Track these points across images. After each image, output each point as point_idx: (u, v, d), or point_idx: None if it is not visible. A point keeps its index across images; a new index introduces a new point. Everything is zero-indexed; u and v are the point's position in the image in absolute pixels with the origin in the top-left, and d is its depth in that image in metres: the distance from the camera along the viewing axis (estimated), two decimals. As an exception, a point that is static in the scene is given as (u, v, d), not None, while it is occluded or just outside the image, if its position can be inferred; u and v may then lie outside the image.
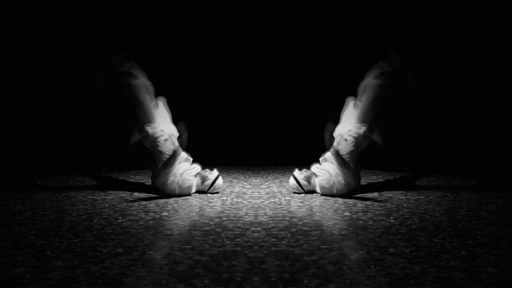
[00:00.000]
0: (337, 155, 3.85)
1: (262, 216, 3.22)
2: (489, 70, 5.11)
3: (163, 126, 4.07)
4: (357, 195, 3.88)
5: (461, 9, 5.15)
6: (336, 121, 4.34)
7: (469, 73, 5.20)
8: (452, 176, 4.69)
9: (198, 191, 4.04)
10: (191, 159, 4.10)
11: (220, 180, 4.04)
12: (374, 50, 5.47)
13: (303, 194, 3.96)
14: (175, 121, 4.51)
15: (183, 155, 4.06)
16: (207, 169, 4.10)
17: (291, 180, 4.03)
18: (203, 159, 4.24)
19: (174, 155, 3.86)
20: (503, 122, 5.06)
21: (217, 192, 4.02)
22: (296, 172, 4.04)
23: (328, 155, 4.03)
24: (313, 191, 4.02)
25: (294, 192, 4.01)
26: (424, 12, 5.29)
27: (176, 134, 4.06)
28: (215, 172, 4.06)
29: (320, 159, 4.07)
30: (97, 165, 5.15)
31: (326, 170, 3.93)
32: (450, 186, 4.23)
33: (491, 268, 2.22)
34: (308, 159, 4.23)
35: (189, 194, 3.94)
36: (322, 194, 3.93)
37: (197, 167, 4.03)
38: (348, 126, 4.03)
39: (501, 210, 3.36)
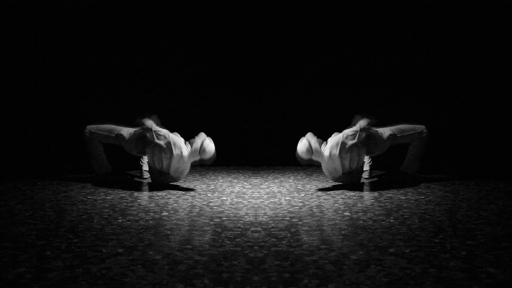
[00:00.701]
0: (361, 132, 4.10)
1: (262, 216, 3.22)
2: (489, 70, 5.11)
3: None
4: (357, 195, 3.88)
5: (461, 8, 5.15)
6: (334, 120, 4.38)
7: (469, 73, 5.20)
8: (452, 176, 4.68)
9: (195, 162, 4.15)
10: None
11: (208, 141, 4.07)
12: (374, 51, 5.49)
13: (303, 194, 3.96)
14: (175, 121, 4.52)
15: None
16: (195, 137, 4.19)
17: (302, 142, 4.06)
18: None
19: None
20: (503, 122, 5.06)
21: (210, 158, 4.07)
22: (309, 135, 4.09)
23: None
24: (318, 163, 4.14)
25: (299, 160, 4.10)
26: (424, 12, 5.28)
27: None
28: (202, 135, 4.11)
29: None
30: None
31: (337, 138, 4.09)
32: (450, 186, 4.23)
33: (491, 268, 2.22)
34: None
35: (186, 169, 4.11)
36: (327, 166, 4.08)
37: (181, 138, 4.16)
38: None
39: (501, 210, 3.36)
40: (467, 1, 5.14)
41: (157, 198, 3.81)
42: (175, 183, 4.31)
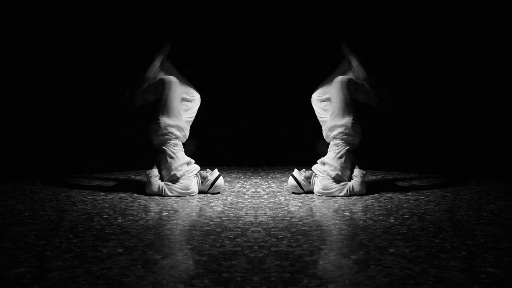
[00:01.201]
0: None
1: (262, 216, 3.22)
2: (489, 70, 5.11)
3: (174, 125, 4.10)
4: (357, 195, 3.88)
5: (461, 8, 5.15)
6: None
7: (469, 73, 5.20)
8: (452, 176, 4.69)
9: (199, 191, 4.03)
10: (193, 161, 4.09)
11: (220, 181, 4.03)
12: (374, 51, 5.48)
13: (303, 194, 3.96)
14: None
15: (185, 157, 4.07)
16: (208, 169, 4.10)
17: (291, 180, 4.01)
18: (203, 159, 4.24)
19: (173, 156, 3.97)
20: (503, 122, 5.06)
21: (218, 193, 4.01)
22: (296, 172, 4.03)
23: (325, 159, 4.02)
24: (312, 192, 4.02)
25: (293, 193, 4.01)
26: (424, 12, 5.28)
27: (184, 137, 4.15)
28: (215, 172, 4.05)
29: (318, 161, 4.06)
30: (97, 165, 5.16)
31: (326, 172, 3.93)
32: (450, 186, 4.23)
33: (491, 268, 2.22)
34: (308, 159, 4.22)
35: (189, 195, 3.93)
36: (322, 194, 3.92)
37: (196, 167, 4.04)
38: (333, 129, 4.04)
39: (501, 210, 3.36)
40: (467, 1, 5.13)
41: (157, 198, 3.81)
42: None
